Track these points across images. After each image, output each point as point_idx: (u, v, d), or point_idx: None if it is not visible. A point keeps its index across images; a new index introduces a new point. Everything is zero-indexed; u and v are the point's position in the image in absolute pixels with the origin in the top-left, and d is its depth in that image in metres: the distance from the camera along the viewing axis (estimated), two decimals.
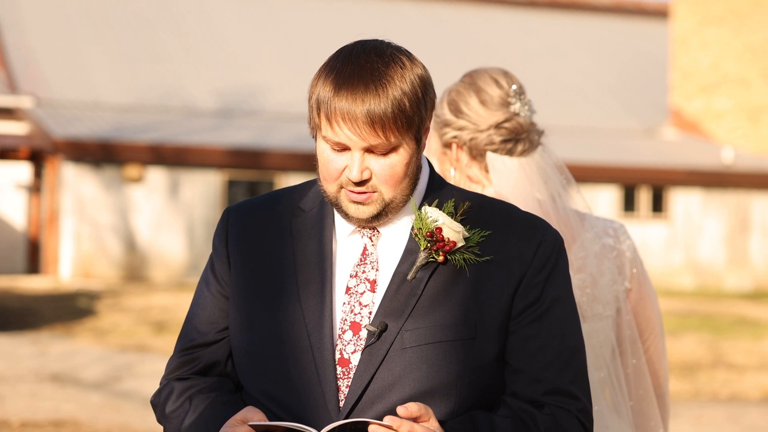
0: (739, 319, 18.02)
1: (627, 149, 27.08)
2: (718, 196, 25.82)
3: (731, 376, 12.39)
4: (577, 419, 2.22)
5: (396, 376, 2.15)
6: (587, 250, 3.00)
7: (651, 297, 3.11)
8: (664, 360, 3.14)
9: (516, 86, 3.00)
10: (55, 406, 9.93)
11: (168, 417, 2.32)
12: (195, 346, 2.35)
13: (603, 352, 3.02)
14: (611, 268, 3.03)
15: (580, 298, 2.97)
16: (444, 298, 2.18)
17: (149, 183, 22.84)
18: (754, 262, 25.94)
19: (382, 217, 2.21)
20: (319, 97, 2.16)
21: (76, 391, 10.73)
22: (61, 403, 10.01)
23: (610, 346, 3.03)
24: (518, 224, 2.26)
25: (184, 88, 27.35)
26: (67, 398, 10.31)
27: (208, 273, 2.37)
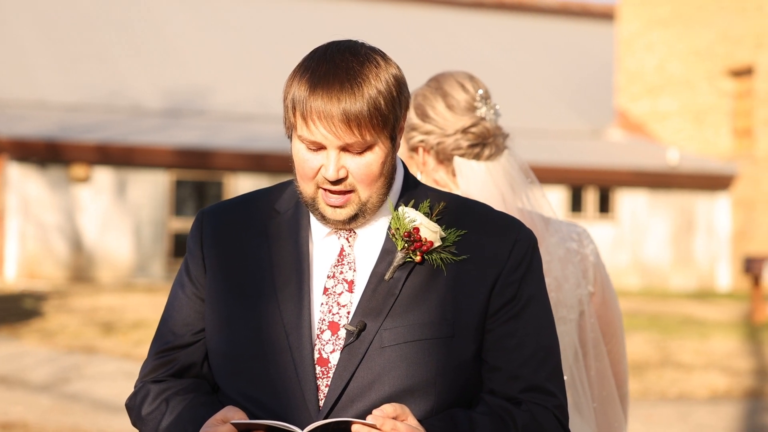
0: (686, 318, 18.21)
1: (574, 150, 27.27)
2: (664, 197, 26.08)
3: (679, 375, 12.52)
4: (554, 415, 2.25)
5: (375, 374, 2.16)
6: (552, 254, 3.03)
7: (613, 301, 3.14)
8: (624, 362, 3.17)
9: (482, 90, 3.01)
10: (3, 409, 9.82)
11: (144, 419, 2.31)
12: (171, 348, 2.34)
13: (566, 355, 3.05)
14: (575, 272, 3.05)
15: None
16: (422, 297, 2.20)
17: (96, 183, 22.65)
18: (699, 262, 26.23)
19: (359, 219, 2.22)
20: (295, 96, 2.17)
21: (24, 393, 10.62)
22: (9, 406, 9.90)
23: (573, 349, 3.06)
24: (493, 224, 2.28)
25: (130, 88, 27.17)
26: (15, 400, 10.20)
27: (182, 275, 2.36)
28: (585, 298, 3.07)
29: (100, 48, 28.68)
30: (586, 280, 3.06)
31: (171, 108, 26.84)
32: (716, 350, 14.32)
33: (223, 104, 27.26)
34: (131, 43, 29.23)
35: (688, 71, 28.07)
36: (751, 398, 11.39)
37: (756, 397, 11.46)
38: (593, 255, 3.08)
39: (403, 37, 32.80)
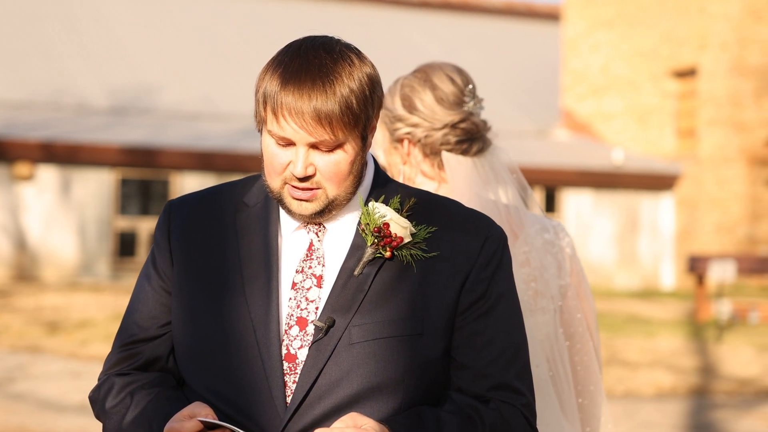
0: (631, 317, 18.36)
1: (520, 150, 27.39)
2: (609, 197, 26.28)
3: (625, 373, 12.62)
4: (522, 414, 2.24)
5: (344, 371, 2.15)
6: (531, 244, 3.02)
7: (588, 294, 3.13)
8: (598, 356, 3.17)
9: (471, 86, 2.99)
10: None
11: (108, 412, 2.28)
12: (136, 341, 2.31)
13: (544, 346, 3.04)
14: (553, 263, 3.05)
15: (525, 292, 2.99)
16: (391, 293, 2.18)
17: (40, 181, 22.41)
18: (643, 261, 26.46)
19: (326, 214, 2.21)
20: (266, 91, 2.15)
21: None
22: None
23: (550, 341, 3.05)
24: (464, 220, 2.27)
25: (76, 86, 26.91)
26: None
27: (149, 267, 2.33)
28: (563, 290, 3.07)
29: (46, 45, 28.37)
30: (563, 272, 3.06)
31: (117, 106, 26.62)
32: (662, 348, 14.46)
33: (170, 103, 27.09)
34: (78, 40, 28.95)
35: (633, 72, 28.30)
36: (695, 395, 11.51)
37: (701, 394, 11.59)
38: (569, 247, 3.08)
39: (349, 35, 32.56)
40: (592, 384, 3.09)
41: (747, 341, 15.25)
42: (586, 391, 3.09)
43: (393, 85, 3.02)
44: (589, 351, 3.07)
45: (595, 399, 3.11)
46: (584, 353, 3.07)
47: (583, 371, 3.08)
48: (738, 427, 9.94)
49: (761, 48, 25.17)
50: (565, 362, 3.03)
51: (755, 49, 25.23)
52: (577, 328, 3.08)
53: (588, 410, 3.11)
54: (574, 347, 3.08)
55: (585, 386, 3.09)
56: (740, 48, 25.38)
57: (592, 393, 3.10)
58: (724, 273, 16.93)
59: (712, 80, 25.95)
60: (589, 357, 3.08)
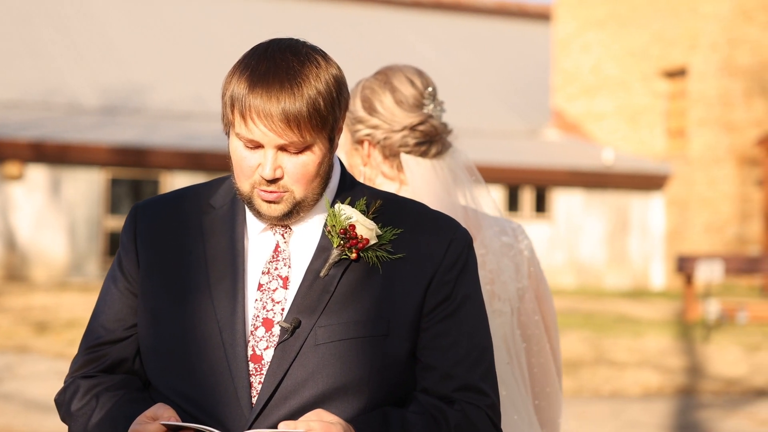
0: (620, 317, 18.40)
1: (510, 150, 27.43)
2: (599, 197, 26.31)
3: (613, 372, 12.65)
4: (486, 415, 2.26)
5: (309, 372, 2.16)
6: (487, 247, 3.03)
7: (548, 296, 3.15)
8: (559, 356, 3.18)
9: (431, 88, 3.01)
10: None
11: (73, 415, 2.29)
12: (101, 343, 2.32)
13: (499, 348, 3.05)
14: (510, 266, 3.06)
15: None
16: (357, 295, 2.20)
17: (30, 181, 22.39)
18: (633, 261, 26.50)
19: (294, 216, 2.22)
20: (234, 93, 2.16)
21: None
22: None
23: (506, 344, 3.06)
24: (429, 222, 2.28)
25: (67, 85, 26.89)
26: None
27: (115, 270, 2.34)
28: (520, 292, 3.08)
29: (37, 45, 28.34)
30: (521, 275, 3.07)
31: (108, 106, 26.60)
32: (649, 348, 14.49)
33: (161, 102, 27.08)
34: (68, 40, 28.93)
35: (623, 72, 28.35)
36: (682, 395, 11.54)
37: (687, 394, 11.62)
38: (528, 250, 3.09)
39: (342, 36, 32.78)
40: (549, 386, 3.11)
41: (735, 341, 15.28)
42: (543, 393, 3.11)
43: (355, 86, 3.04)
44: (546, 353, 3.09)
45: (551, 401, 3.12)
46: (541, 355, 3.09)
47: (540, 373, 3.09)
48: (723, 426, 9.97)
49: (751, 48, 25.22)
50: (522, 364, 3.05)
51: (745, 50, 25.29)
52: (535, 331, 3.09)
53: (545, 412, 3.12)
54: (532, 349, 3.10)
55: (542, 388, 3.10)
56: (730, 48, 25.43)
57: (549, 395, 3.11)
58: (712, 273, 16.97)
59: (703, 80, 25.99)
60: (546, 359, 3.09)
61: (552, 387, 3.10)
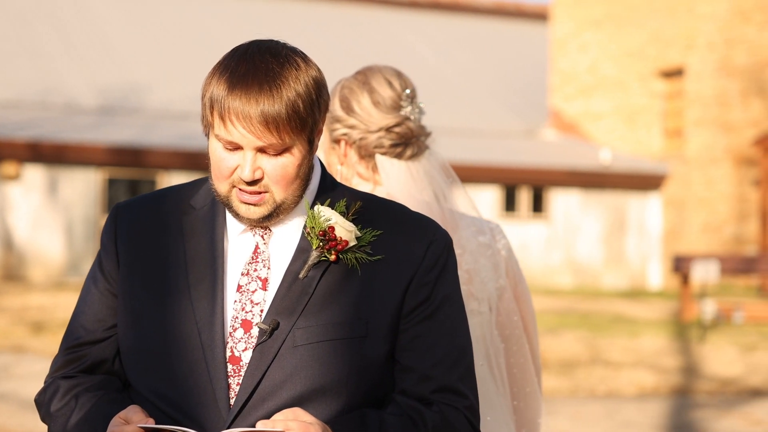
0: (616, 317, 18.40)
1: (508, 150, 27.43)
2: (596, 197, 26.32)
3: (608, 372, 12.65)
4: (465, 416, 2.26)
5: (287, 373, 2.16)
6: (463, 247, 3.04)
7: (526, 295, 3.15)
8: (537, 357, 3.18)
9: (409, 90, 3.01)
10: None
11: (53, 415, 2.30)
12: (82, 343, 2.33)
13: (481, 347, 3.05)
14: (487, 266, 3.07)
15: None
16: (336, 296, 2.20)
17: (27, 181, 22.40)
18: (631, 261, 26.51)
19: (273, 218, 2.22)
20: (213, 95, 2.17)
21: None
22: None
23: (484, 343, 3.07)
24: (409, 224, 2.29)
25: (64, 85, 26.89)
26: None
27: (96, 270, 2.35)
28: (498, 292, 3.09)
29: (34, 45, 28.33)
30: (498, 274, 3.08)
31: (106, 106, 26.60)
32: (645, 348, 14.50)
33: (158, 102, 27.08)
34: (66, 40, 28.92)
35: (621, 72, 28.36)
36: (677, 395, 11.55)
37: (682, 394, 11.63)
38: (505, 249, 3.10)
39: (339, 36, 32.79)
40: (528, 386, 3.11)
41: (730, 341, 15.29)
42: (522, 393, 3.11)
43: (335, 85, 3.05)
44: (525, 353, 3.09)
45: (530, 402, 3.12)
46: (520, 355, 3.09)
47: (519, 373, 3.09)
48: (717, 426, 9.98)
49: (748, 48, 25.23)
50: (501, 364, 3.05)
51: (742, 50, 25.30)
52: (514, 330, 3.10)
53: (523, 413, 3.12)
54: (510, 349, 3.10)
55: (521, 388, 3.11)
56: (727, 48, 25.44)
57: (528, 395, 3.11)
58: (707, 273, 16.98)
59: (700, 80, 26.00)
60: (525, 359, 3.09)
61: (531, 387, 3.10)
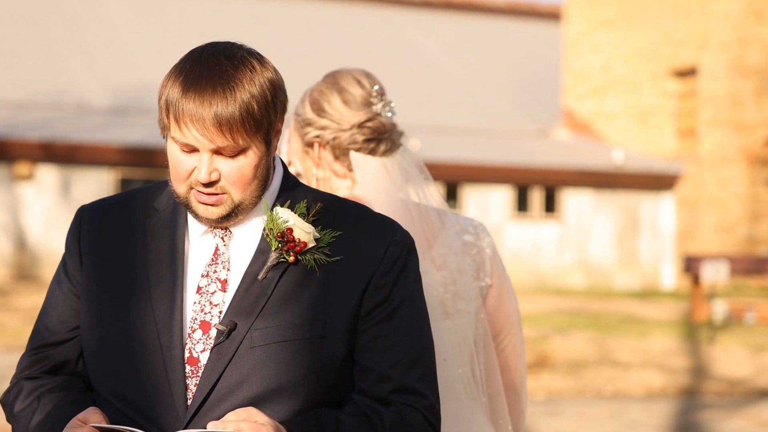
0: (626, 317, 18.36)
1: (520, 150, 27.40)
2: (609, 197, 26.27)
3: (616, 373, 12.63)
4: (423, 416, 2.26)
5: (244, 374, 2.17)
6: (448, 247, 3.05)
7: (510, 294, 3.16)
8: (522, 357, 3.19)
9: (378, 87, 3.04)
10: None
11: (16, 416, 2.32)
12: (45, 345, 2.34)
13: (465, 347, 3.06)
14: (472, 265, 3.08)
15: (443, 295, 3.01)
16: (294, 297, 2.21)
17: (40, 181, 22.48)
18: (643, 261, 26.45)
19: (232, 218, 2.23)
20: (168, 98, 2.18)
21: None
22: None
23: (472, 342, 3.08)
24: (369, 225, 2.30)
25: (77, 86, 26.98)
26: None
27: (60, 272, 2.37)
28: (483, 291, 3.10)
29: (47, 45, 28.44)
30: (483, 273, 3.09)
31: (118, 106, 26.68)
32: (654, 349, 14.47)
33: None
34: (78, 40, 29.02)
35: (633, 72, 28.30)
36: (685, 396, 11.52)
37: (690, 394, 11.60)
38: (490, 248, 3.11)
39: (352, 35, 32.80)
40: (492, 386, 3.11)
41: (741, 341, 15.25)
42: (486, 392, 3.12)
43: (304, 92, 3.08)
44: (492, 353, 3.10)
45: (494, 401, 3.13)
46: (488, 355, 3.10)
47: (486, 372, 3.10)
48: (724, 427, 9.95)
49: (761, 48, 25.15)
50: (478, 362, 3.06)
51: (755, 49, 25.21)
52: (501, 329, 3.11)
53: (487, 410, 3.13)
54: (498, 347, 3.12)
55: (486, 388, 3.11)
56: (740, 48, 25.36)
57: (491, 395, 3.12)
58: (717, 273, 16.93)
59: (712, 80, 25.93)
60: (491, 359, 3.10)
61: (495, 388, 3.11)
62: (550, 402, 11.05)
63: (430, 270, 3.01)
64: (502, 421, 3.12)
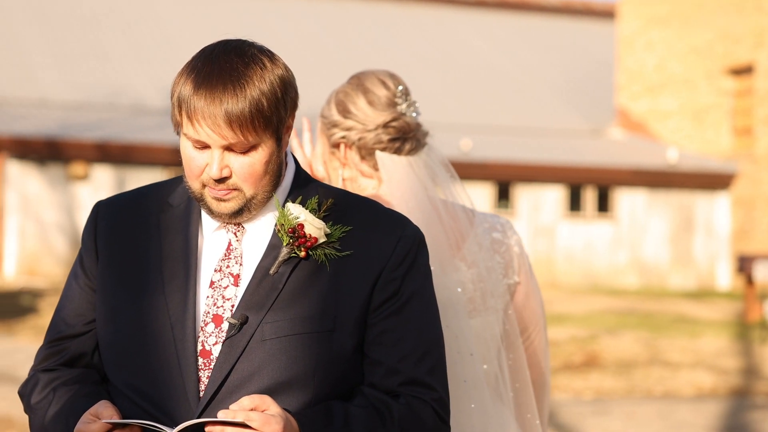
0: (679, 317, 18.23)
1: (573, 149, 27.29)
2: (663, 196, 26.09)
3: (666, 373, 12.56)
4: (432, 408, 2.29)
5: (255, 367, 2.21)
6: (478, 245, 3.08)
7: (536, 291, 3.19)
8: (546, 352, 3.22)
9: (402, 87, 3.07)
10: None
11: (33, 408, 2.37)
12: (62, 337, 2.39)
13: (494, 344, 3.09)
14: (501, 263, 3.11)
15: (474, 293, 3.05)
16: (304, 291, 2.25)
17: (95, 181, 22.75)
18: (698, 261, 26.23)
19: (245, 213, 2.27)
20: (180, 95, 2.22)
21: (12, 388, 10.67)
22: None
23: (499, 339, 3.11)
24: (380, 220, 2.33)
25: (131, 86, 27.26)
26: (2, 396, 10.28)
27: (77, 266, 2.41)
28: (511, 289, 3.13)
29: (101, 47, 28.75)
30: (511, 270, 3.12)
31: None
32: (705, 349, 14.36)
33: None
34: (132, 41, 29.31)
35: (688, 70, 28.07)
36: (735, 396, 11.43)
37: (741, 395, 11.50)
38: (517, 245, 3.14)
39: (404, 36, 32.82)
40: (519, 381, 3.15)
41: None
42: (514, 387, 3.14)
43: (330, 94, 3.13)
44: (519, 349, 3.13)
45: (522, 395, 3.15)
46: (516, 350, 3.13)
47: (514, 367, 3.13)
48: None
49: None
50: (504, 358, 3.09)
51: None
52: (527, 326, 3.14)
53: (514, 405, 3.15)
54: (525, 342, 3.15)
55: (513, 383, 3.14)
56: None
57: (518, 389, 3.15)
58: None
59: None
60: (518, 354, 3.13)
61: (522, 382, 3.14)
62: (598, 402, 11.01)
63: (461, 267, 3.04)
64: (530, 415, 3.15)
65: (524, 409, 3.14)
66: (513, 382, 3.13)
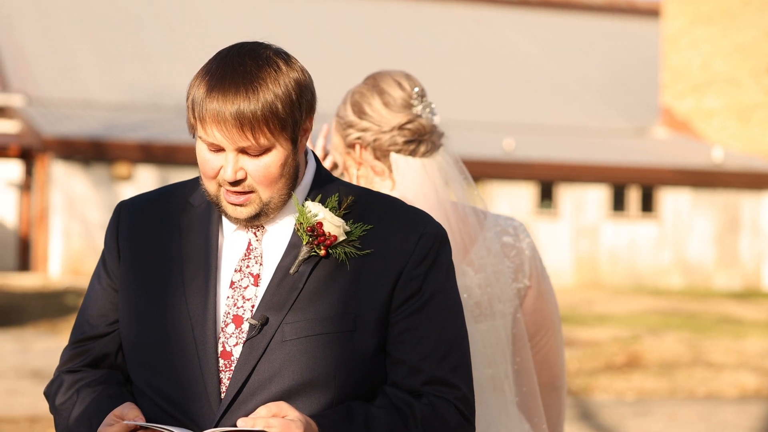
0: (723, 317, 18.07)
1: (617, 149, 27.14)
2: (708, 196, 25.88)
3: (709, 374, 12.45)
4: (456, 407, 2.27)
5: (276, 368, 2.20)
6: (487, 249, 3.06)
7: (550, 293, 3.16)
8: (561, 356, 3.19)
9: (418, 89, 3.06)
10: (32, 402, 9.99)
11: (58, 409, 2.37)
12: (86, 338, 2.39)
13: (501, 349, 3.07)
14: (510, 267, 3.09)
15: (480, 297, 3.03)
16: (325, 291, 2.23)
17: (139, 181, 22.89)
18: (744, 261, 26.00)
19: (262, 217, 2.26)
20: (194, 98, 2.22)
21: None
22: (38, 400, 10.06)
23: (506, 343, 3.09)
24: (400, 218, 2.30)
25: (174, 87, 27.41)
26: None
27: (99, 267, 2.41)
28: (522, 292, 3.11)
29: (145, 48, 28.94)
30: (522, 274, 3.09)
31: None
32: (750, 350, 14.22)
33: None
34: (176, 42, 29.47)
35: (733, 68, 27.83)
36: None
37: None
38: (529, 249, 3.12)
39: (448, 35, 32.79)
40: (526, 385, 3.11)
41: None
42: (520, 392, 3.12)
43: (345, 94, 3.11)
44: (527, 353, 3.10)
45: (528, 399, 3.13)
46: (524, 354, 3.10)
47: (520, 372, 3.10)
48: None
49: None
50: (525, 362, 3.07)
51: None
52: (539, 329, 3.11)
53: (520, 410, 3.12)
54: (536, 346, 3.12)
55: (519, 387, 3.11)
56: None
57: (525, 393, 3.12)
58: None
59: None
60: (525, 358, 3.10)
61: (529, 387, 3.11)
62: (640, 402, 10.93)
63: (467, 272, 3.03)
64: (537, 419, 3.12)
65: (531, 413, 3.12)
66: (520, 386, 3.11)
